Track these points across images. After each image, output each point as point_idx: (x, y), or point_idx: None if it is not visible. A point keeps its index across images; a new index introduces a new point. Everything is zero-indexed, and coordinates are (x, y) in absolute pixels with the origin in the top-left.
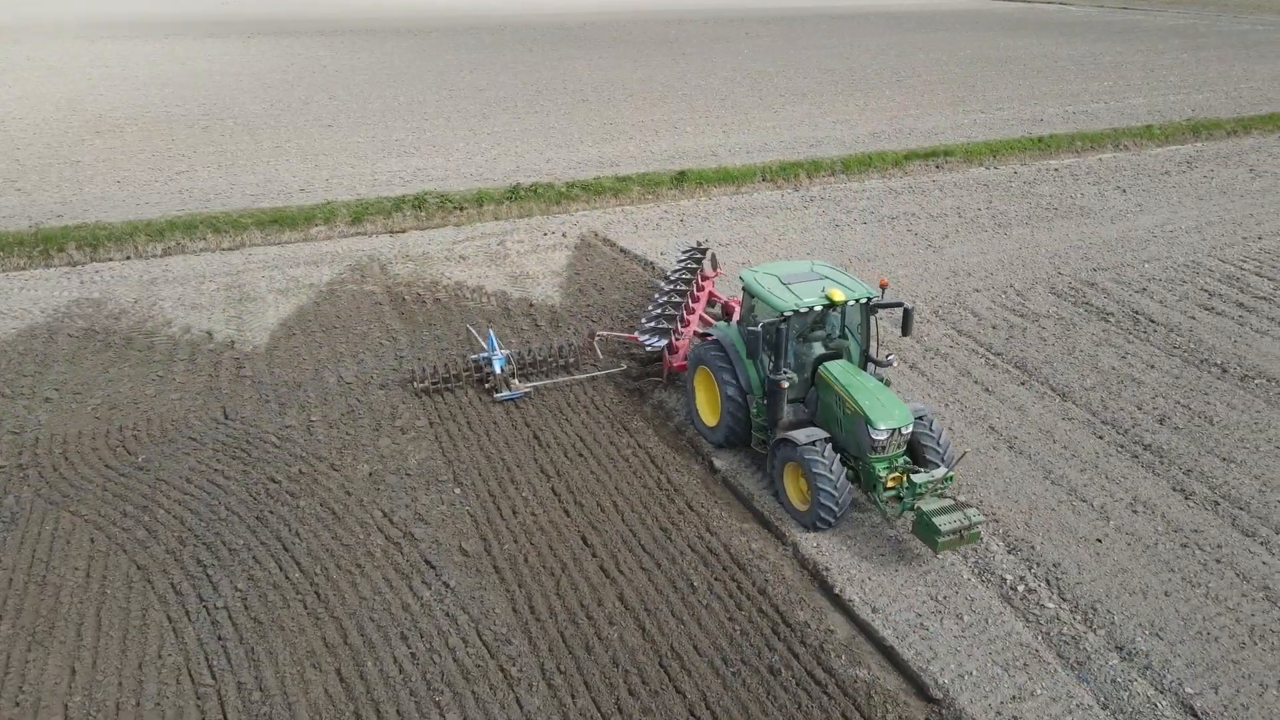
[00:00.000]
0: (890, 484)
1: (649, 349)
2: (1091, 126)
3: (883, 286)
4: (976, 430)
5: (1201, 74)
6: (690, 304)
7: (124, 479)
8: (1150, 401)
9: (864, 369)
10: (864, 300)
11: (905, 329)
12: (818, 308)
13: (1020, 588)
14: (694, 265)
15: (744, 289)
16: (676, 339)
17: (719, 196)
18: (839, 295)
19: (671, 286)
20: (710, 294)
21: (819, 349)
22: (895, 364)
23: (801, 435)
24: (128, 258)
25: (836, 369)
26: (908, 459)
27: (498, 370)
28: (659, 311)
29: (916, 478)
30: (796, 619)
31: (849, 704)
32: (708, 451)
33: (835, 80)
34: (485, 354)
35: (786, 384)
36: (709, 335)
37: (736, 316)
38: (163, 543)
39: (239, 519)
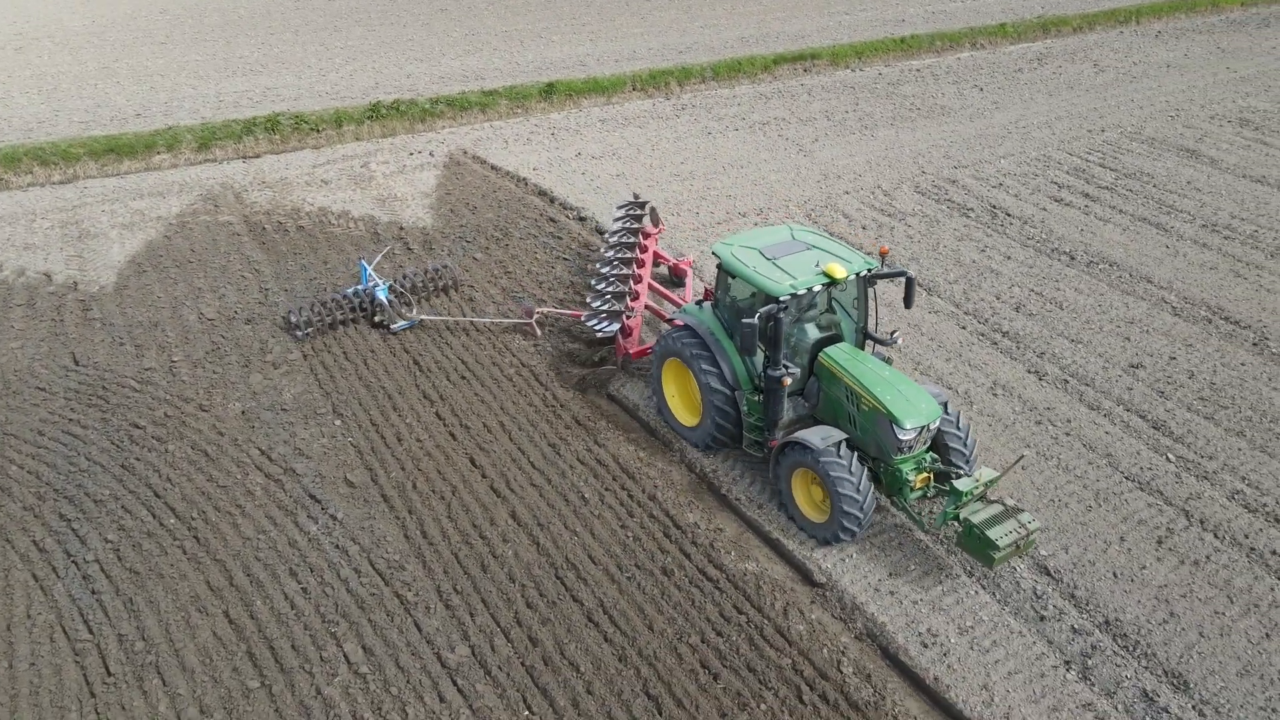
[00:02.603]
0: (918, 485)
1: (600, 334)
2: (950, 26)
3: (882, 255)
4: None
5: None
6: (636, 272)
7: None
8: (1007, 291)
9: (861, 348)
10: (864, 273)
11: (908, 300)
12: (817, 288)
13: None
14: (635, 225)
15: (721, 268)
16: (628, 317)
17: (589, 108)
18: (839, 271)
19: (614, 254)
20: (655, 254)
21: (814, 332)
22: (900, 342)
23: (816, 438)
24: None
25: (841, 356)
26: (934, 455)
27: (384, 301)
28: (606, 287)
29: (959, 484)
30: (686, 521)
31: (740, 595)
32: (590, 365)
33: None
34: (360, 287)
35: (789, 380)
36: (676, 320)
37: (689, 290)
38: (18, 499)
39: (102, 469)
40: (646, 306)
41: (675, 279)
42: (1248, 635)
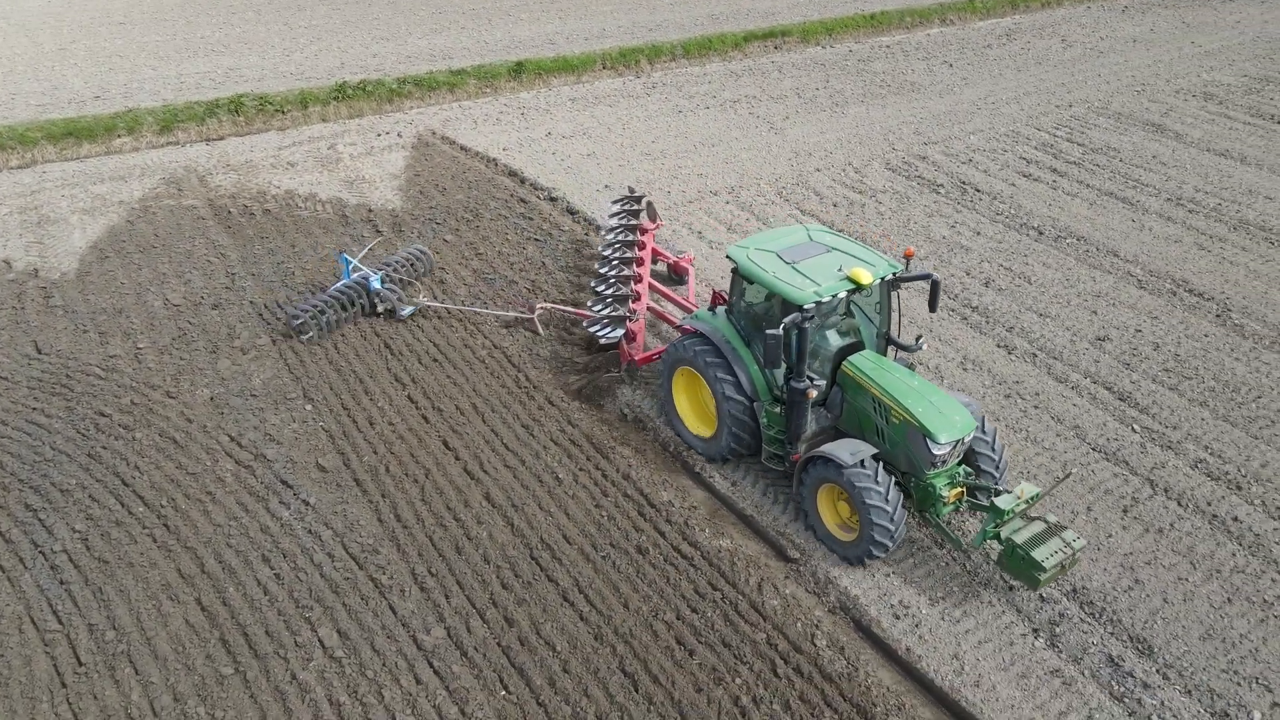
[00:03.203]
0: (950, 500)
1: (604, 341)
2: (920, 2)
3: (907, 257)
4: None
5: None
6: (637, 272)
7: None
8: (977, 266)
9: (884, 354)
10: (889, 277)
11: (932, 304)
12: (841, 294)
13: None
14: (633, 221)
15: (736, 272)
16: (631, 320)
17: (559, 87)
18: (865, 277)
19: (615, 254)
20: (654, 251)
21: (836, 339)
22: (925, 348)
23: (844, 452)
24: None
25: (867, 365)
26: (968, 469)
27: (380, 289)
28: (608, 290)
29: (1000, 501)
30: (661, 499)
31: (714, 572)
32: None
33: None
34: (345, 281)
35: (814, 393)
36: (687, 327)
37: (691, 289)
38: None
39: (68, 458)
40: (648, 308)
41: (675, 276)
42: (1210, 600)
